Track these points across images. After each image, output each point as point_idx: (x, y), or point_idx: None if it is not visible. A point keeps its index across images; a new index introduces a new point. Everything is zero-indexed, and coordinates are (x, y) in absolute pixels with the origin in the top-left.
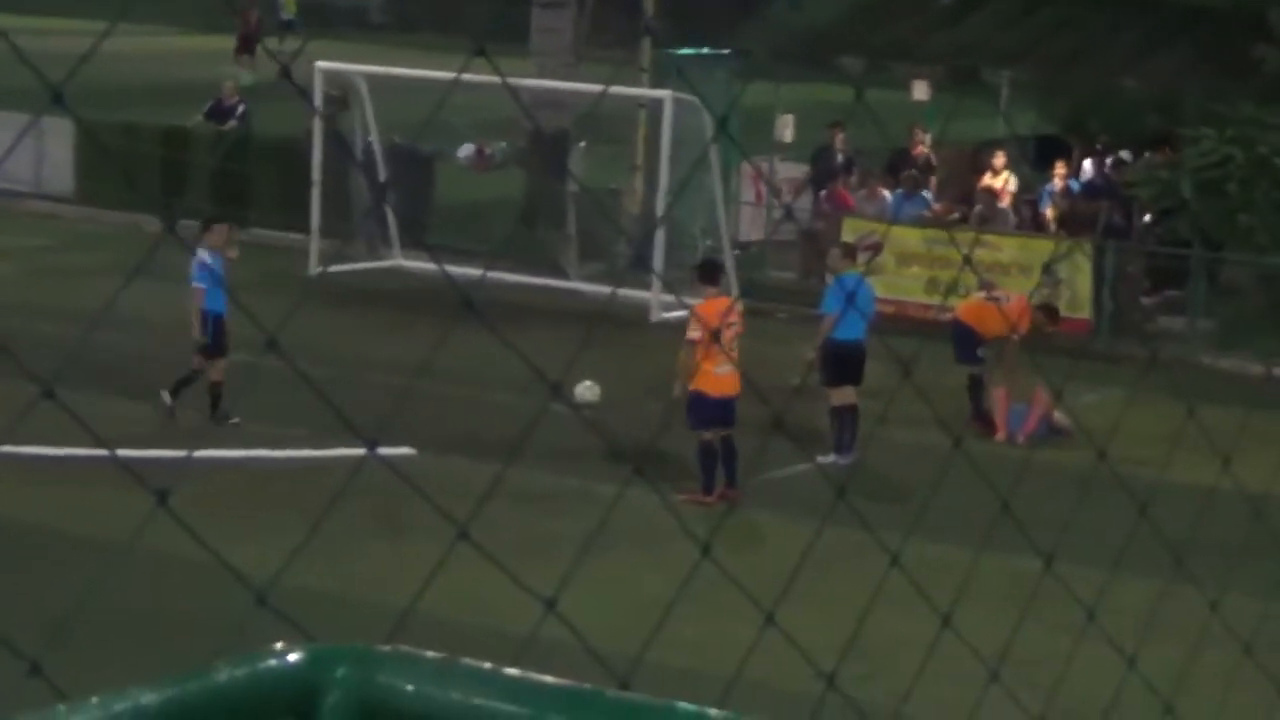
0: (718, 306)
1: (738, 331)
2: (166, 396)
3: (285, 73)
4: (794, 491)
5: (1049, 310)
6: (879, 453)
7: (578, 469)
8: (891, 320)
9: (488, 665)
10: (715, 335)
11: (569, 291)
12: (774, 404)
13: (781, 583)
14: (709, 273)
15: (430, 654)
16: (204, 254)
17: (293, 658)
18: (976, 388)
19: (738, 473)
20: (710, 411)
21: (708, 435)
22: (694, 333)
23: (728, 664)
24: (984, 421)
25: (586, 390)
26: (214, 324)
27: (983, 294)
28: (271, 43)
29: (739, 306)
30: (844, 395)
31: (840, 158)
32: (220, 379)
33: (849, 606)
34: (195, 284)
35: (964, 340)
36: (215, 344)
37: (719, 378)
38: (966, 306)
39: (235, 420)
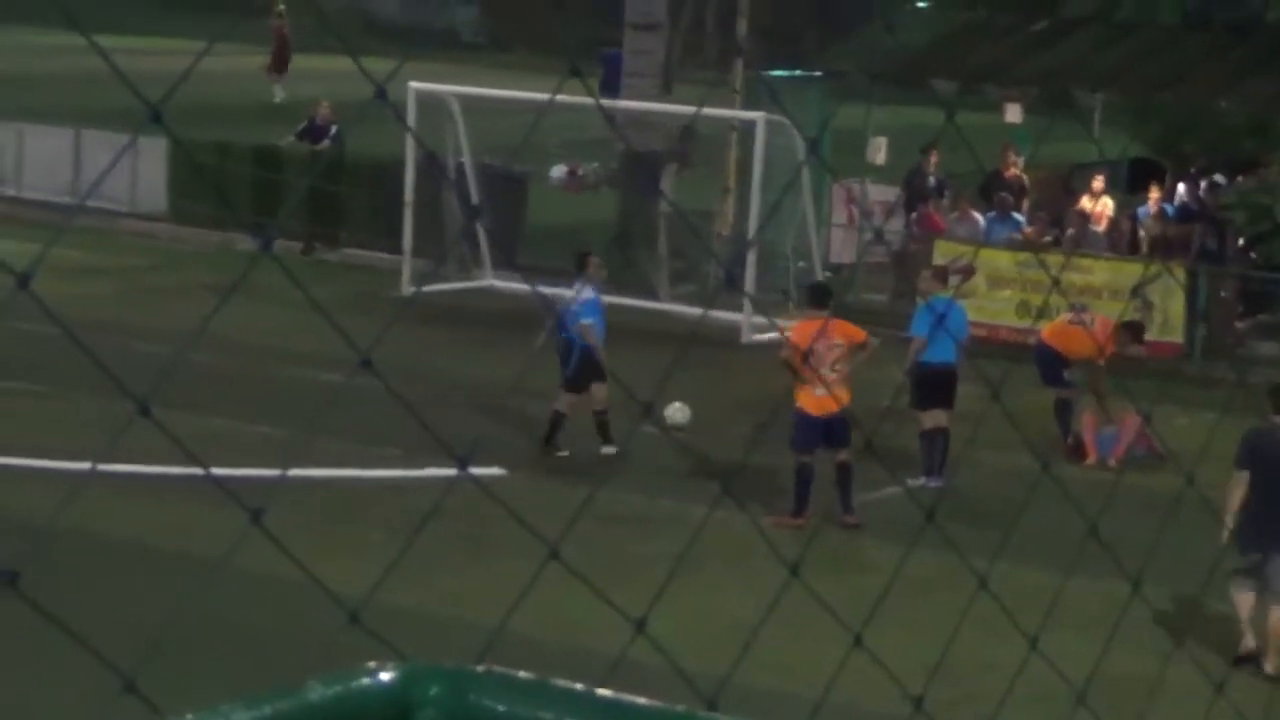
0: (811, 328)
1: (841, 354)
2: (554, 449)
3: (381, 94)
4: (883, 514)
5: (1134, 328)
6: (969, 476)
7: (668, 490)
8: (983, 343)
9: (579, 686)
10: (805, 356)
11: (659, 313)
12: (864, 426)
13: (869, 605)
14: (818, 295)
15: (522, 674)
16: (587, 289)
17: (386, 676)
18: (1065, 411)
19: (852, 498)
20: (811, 430)
21: (806, 458)
22: (784, 353)
23: (815, 686)
24: (1076, 445)
25: (677, 412)
26: (585, 356)
27: (1068, 316)
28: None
29: (843, 327)
30: (934, 418)
31: (932, 180)
32: (570, 412)
33: (936, 629)
34: (584, 321)
35: (1049, 363)
36: (580, 375)
37: (820, 397)
38: (1051, 329)
39: (564, 453)
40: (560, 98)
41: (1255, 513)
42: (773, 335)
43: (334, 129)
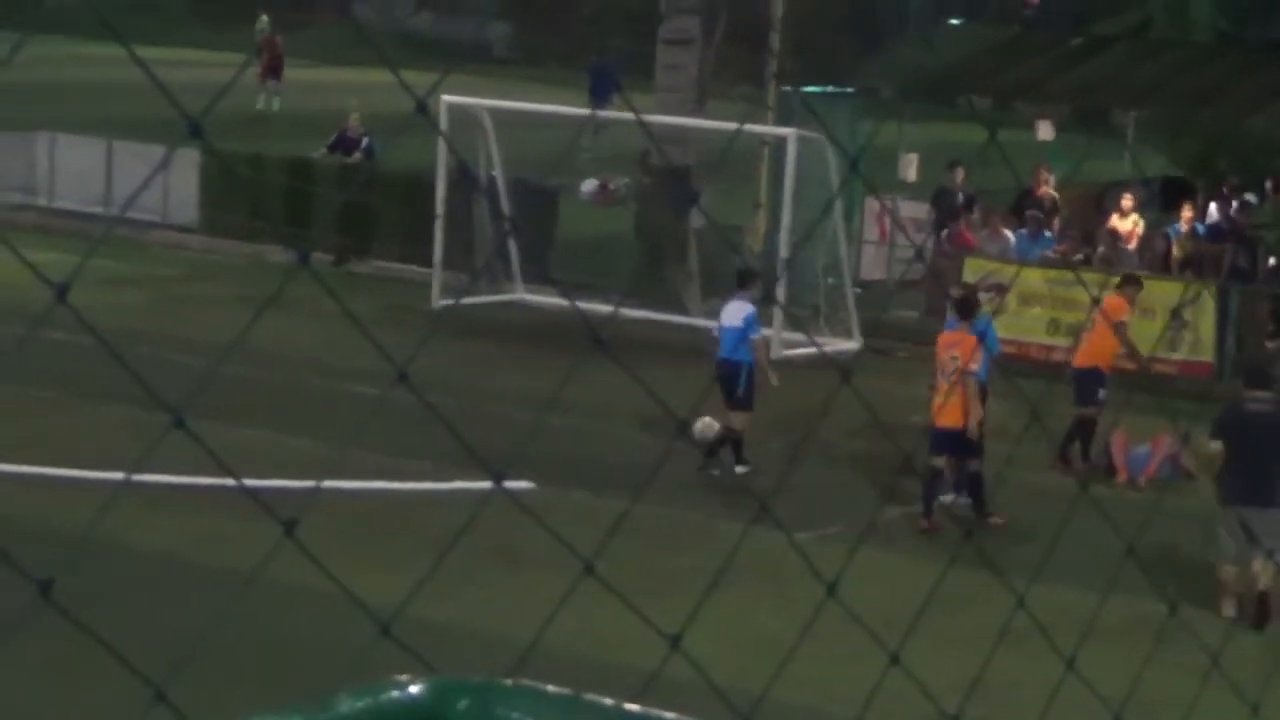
0: (948, 339)
1: (962, 365)
2: (722, 467)
3: (421, 108)
4: (914, 530)
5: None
6: (1002, 493)
7: (697, 505)
8: (1013, 360)
9: (608, 700)
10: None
11: (690, 328)
12: (895, 442)
13: (902, 621)
14: (964, 307)
15: (552, 688)
16: (748, 305)
17: (415, 689)
18: (1084, 431)
19: (981, 498)
20: (935, 438)
21: (937, 462)
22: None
23: (849, 703)
24: (1107, 464)
25: (706, 427)
26: (751, 375)
27: (1085, 332)
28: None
29: (968, 338)
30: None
31: (961, 197)
32: (747, 429)
33: (964, 646)
34: (754, 336)
35: (1088, 382)
36: (750, 395)
37: (937, 406)
38: (1081, 352)
39: (716, 472)
40: (596, 112)
41: (1233, 476)
42: (805, 351)
43: (365, 140)
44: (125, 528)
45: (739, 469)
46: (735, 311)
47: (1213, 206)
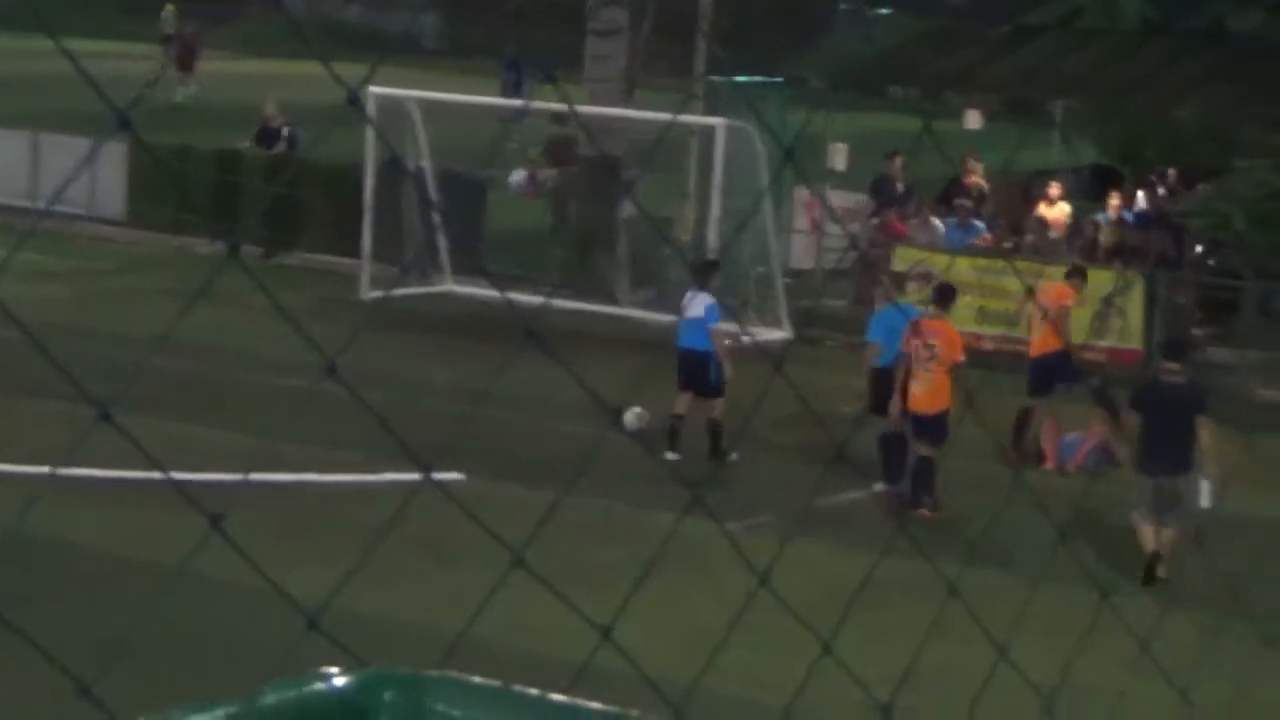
0: (926, 325)
1: (941, 355)
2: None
3: (352, 99)
4: (846, 519)
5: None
6: (939, 482)
7: (630, 496)
8: None
9: (535, 691)
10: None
11: (619, 318)
12: (827, 431)
13: (833, 611)
14: (944, 296)
15: (478, 680)
16: (708, 297)
17: (341, 682)
18: (1024, 422)
19: (926, 485)
20: (916, 427)
21: (923, 449)
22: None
23: (781, 693)
24: (1037, 451)
25: (635, 418)
26: (718, 365)
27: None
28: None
29: (950, 329)
30: (893, 423)
31: (900, 186)
32: (722, 416)
33: (896, 635)
34: (712, 326)
35: (1048, 372)
36: (720, 383)
37: (913, 394)
38: (1040, 341)
39: (734, 457)
40: (526, 104)
41: (1148, 446)
42: (732, 341)
43: (286, 130)
44: (54, 523)
45: (732, 456)
46: (699, 302)
47: (1141, 195)
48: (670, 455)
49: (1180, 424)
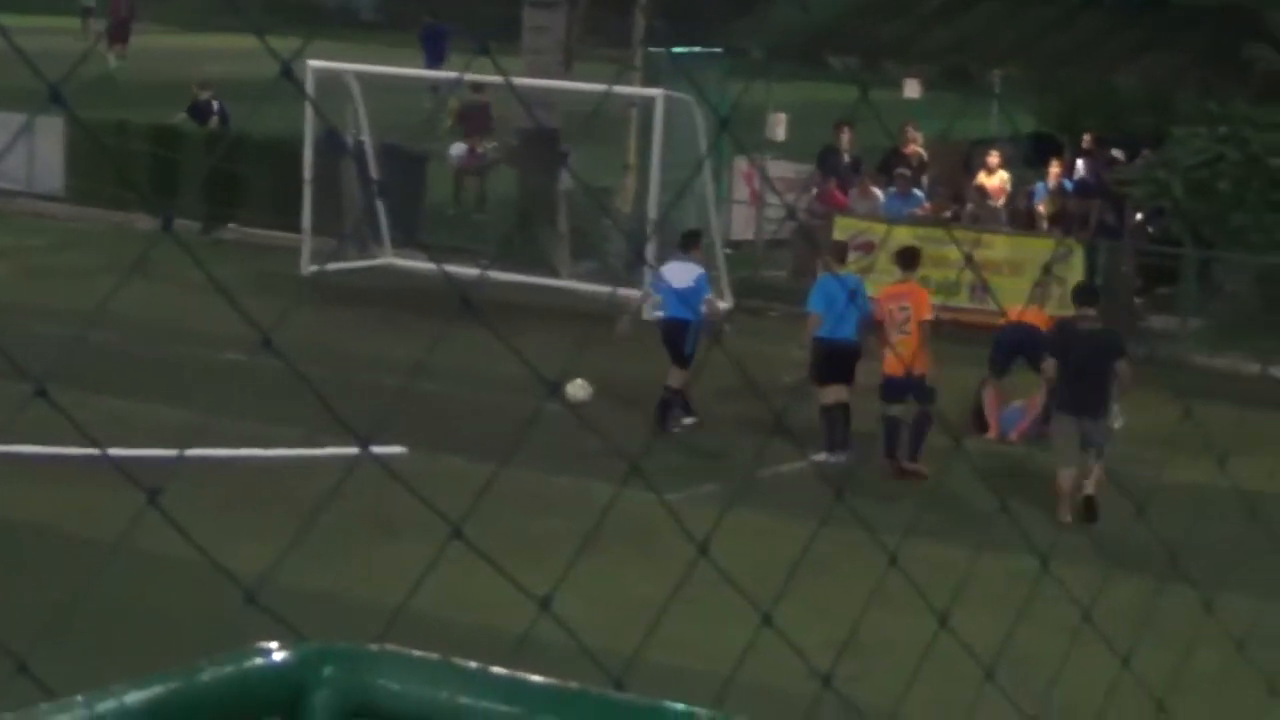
0: (894, 290)
1: (913, 315)
2: (686, 421)
3: (286, 72)
4: (787, 490)
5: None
6: (877, 451)
7: (567, 468)
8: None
9: (475, 664)
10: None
11: (560, 290)
12: (768, 402)
13: (775, 582)
14: (907, 259)
15: (418, 653)
16: (697, 267)
17: (279, 656)
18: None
19: (922, 440)
20: (889, 388)
21: (891, 410)
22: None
23: (721, 663)
24: (976, 419)
25: (578, 389)
26: (697, 333)
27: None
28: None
29: (917, 289)
30: (834, 393)
31: (847, 157)
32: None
33: (837, 605)
34: (708, 296)
35: (1014, 348)
36: (694, 353)
37: (892, 357)
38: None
39: (691, 419)
40: (464, 76)
41: (1066, 388)
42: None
43: (216, 105)
44: None
45: (686, 421)
46: (683, 272)
47: (1080, 163)
48: (687, 420)
49: (1098, 366)
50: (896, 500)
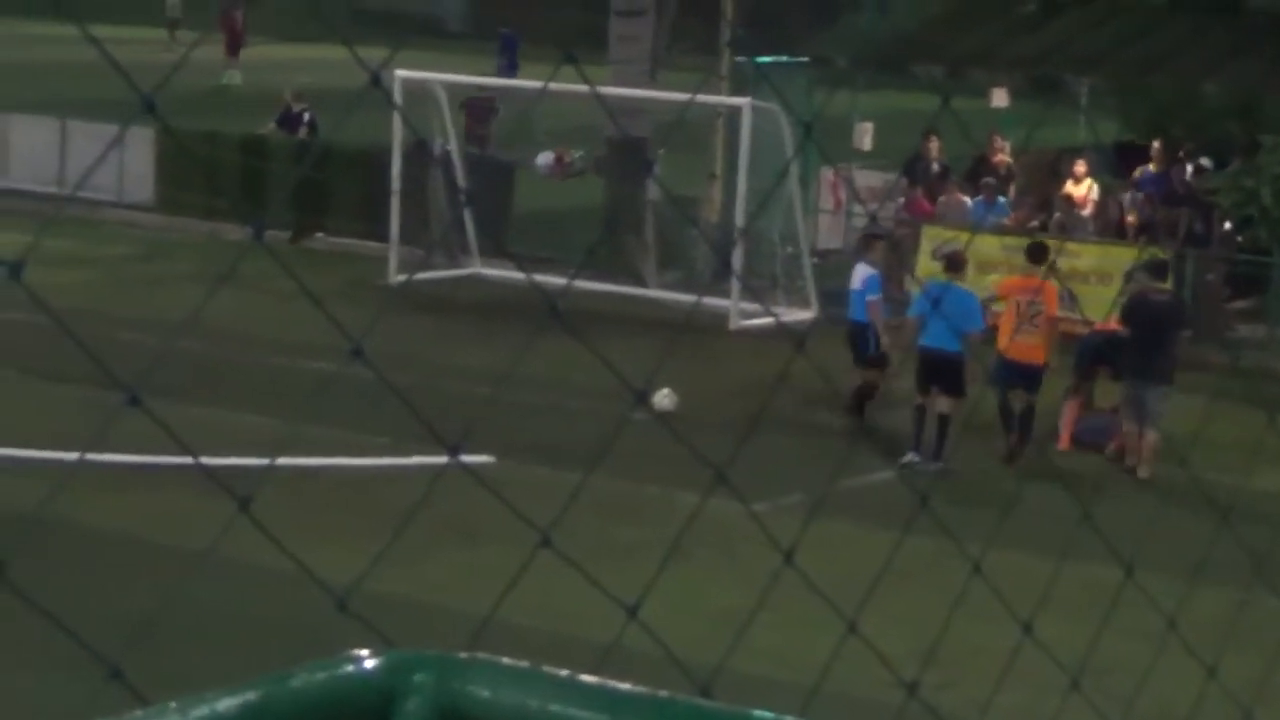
0: (1023, 282)
1: (1043, 311)
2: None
3: (374, 81)
4: (871, 499)
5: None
6: (962, 461)
7: (654, 476)
8: None
9: (565, 672)
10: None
11: (647, 299)
12: (851, 412)
13: (857, 590)
14: (1035, 253)
15: (508, 661)
16: (869, 269)
17: (370, 663)
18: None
19: (1029, 431)
20: (1004, 372)
21: (1007, 395)
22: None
23: (807, 672)
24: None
25: (664, 398)
26: (878, 334)
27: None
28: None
29: (1051, 284)
30: (943, 404)
31: (936, 166)
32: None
33: (919, 614)
34: (871, 298)
35: (1098, 356)
36: (878, 352)
37: (1016, 343)
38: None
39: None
40: (550, 85)
41: (1134, 356)
42: (761, 321)
43: (307, 115)
44: (81, 508)
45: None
46: (859, 274)
47: (1149, 169)
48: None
49: (1163, 336)
50: (980, 508)
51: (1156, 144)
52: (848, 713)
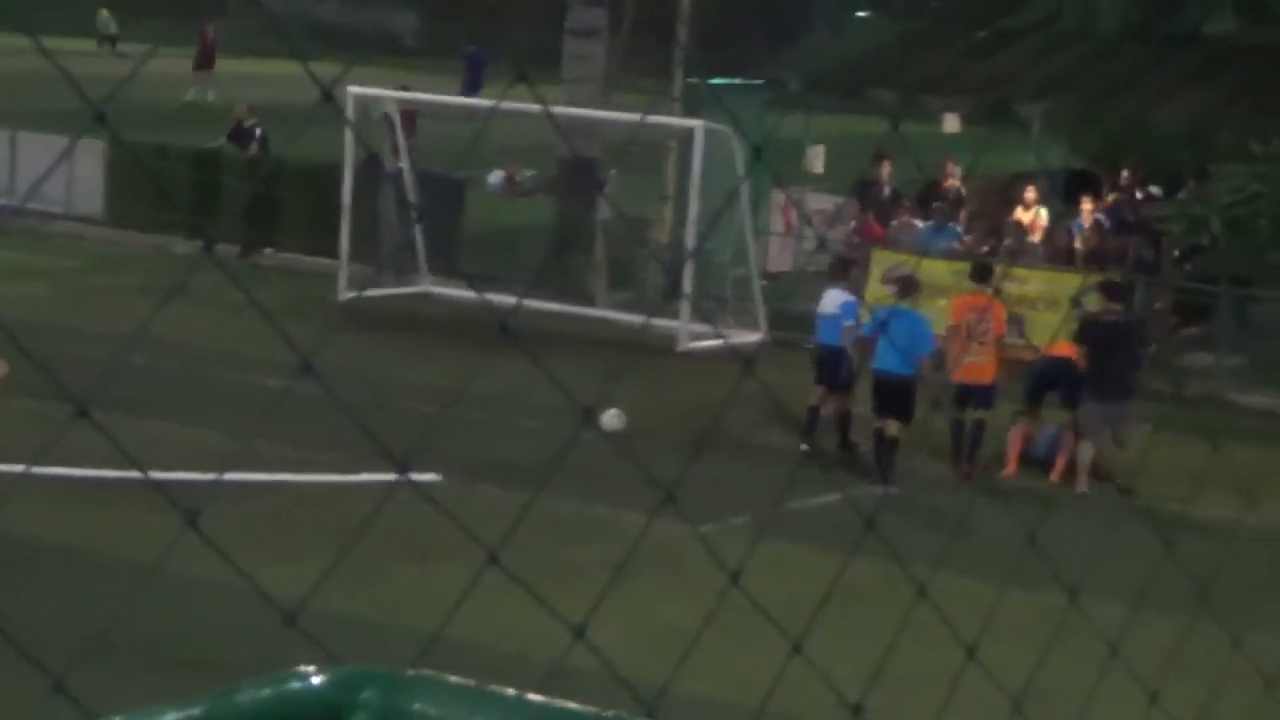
0: (971, 300)
1: (992, 329)
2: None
3: (327, 97)
4: (819, 521)
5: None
6: (908, 485)
7: (603, 496)
8: None
9: (511, 691)
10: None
11: (596, 319)
12: (802, 434)
13: (806, 613)
14: (981, 273)
15: (454, 679)
16: (844, 294)
17: (317, 680)
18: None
19: (979, 444)
20: (957, 393)
21: (957, 415)
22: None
23: (752, 694)
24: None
25: (613, 419)
26: (850, 361)
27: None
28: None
29: (997, 304)
30: (893, 428)
31: (888, 190)
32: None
33: (869, 636)
34: (847, 323)
35: (1047, 381)
36: (852, 378)
37: (966, 365)
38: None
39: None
40: (503, 104)
41: (1092, 376)
42: (708, 344)
43: (258, 131)
44: (28, 521)
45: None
46: (832, 299)
47: (1111, 198)
48: (804, 447)
49: (1122, 355)
50: (928, 531)
51: (1126, 173)
52: None
